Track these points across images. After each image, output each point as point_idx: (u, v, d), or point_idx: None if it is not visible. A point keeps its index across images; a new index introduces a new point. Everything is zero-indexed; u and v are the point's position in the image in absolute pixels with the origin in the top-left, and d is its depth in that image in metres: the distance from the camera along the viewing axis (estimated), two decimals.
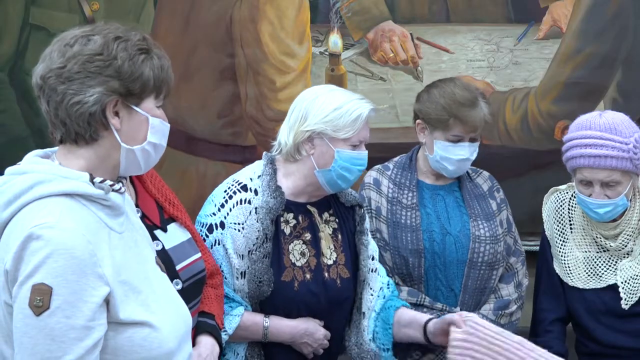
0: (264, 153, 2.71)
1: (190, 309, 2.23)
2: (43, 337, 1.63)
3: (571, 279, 2.97)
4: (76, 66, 1.72)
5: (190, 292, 2.34)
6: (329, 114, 2.58)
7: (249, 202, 2.59)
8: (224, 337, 2.51)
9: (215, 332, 2.41)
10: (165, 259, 2.21)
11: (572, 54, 3.85)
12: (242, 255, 2.57)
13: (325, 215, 2.72)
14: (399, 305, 2.78)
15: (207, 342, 2.37)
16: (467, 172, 3.08)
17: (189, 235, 2.44)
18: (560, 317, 3.02)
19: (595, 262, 2.95)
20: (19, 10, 3.82)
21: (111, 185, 1.77)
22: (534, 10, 3.86)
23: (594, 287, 2.94)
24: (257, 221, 2.56)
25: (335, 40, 3.85)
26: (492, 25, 3.89)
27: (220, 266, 2.56)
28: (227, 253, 2.57)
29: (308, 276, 2.62)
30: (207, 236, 2.58)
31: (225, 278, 2.57)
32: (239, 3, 3.81)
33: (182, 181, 3.62)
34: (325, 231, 2.70)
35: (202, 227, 2.59)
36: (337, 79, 3.77)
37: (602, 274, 2.93)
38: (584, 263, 2.96)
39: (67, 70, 1.73)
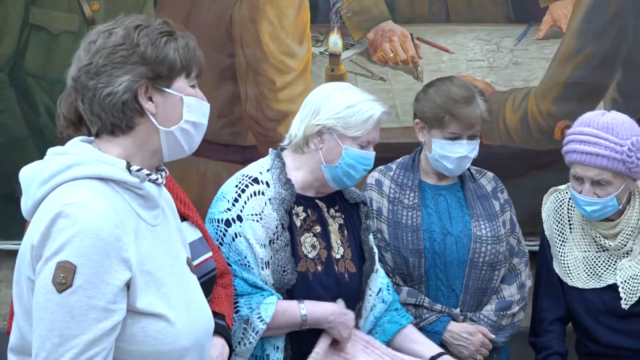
0: (270, 149, 2.74)
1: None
2: (63, 314, 1.64)
3: (571, 279, 2.97)
4: (101, 60, 1.75)
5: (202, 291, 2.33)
6: (342, 110, 2.60)
7: (263, 194, 2.60)
8: (262, 326, 2.52)
9: (225, 332, 2.41)
10: None
11: (572, 54, 3.85)
12: (264, 245, 2.57)
13: (332, 211, 2.74)
14: (404, 324, 2.80)
15: (217, 343, 2.37)
16: (471, 172, 3.08)
17: (200, 234, 2.45)
18: (560, 317, 3.02)
19: (594, 262, 2.95)
20: (19, 10, 3.81)
21: (148, 175, 1.78)
22: (534, 10, 3.86)
23: (593, 287, 2.94)
24: (273, 211, 2.58)
25: (335, 40, 3.85)
26: (492, 25, 3.89)
27: (245, 257, 2.56)
28: (249, 244, 2.57)
29: (319, 268, 2.64)
30: (225, 231, 2.58)
31: (252, 268, 2.57)
32: (239, 3, 3.81)
33: (182, 181, 3.59)
34: (334, 226, 2.71)
35: (219, 223, 2.60)
36: (337, 79, 3.77)
37: (602, 273, 2.93)
38: (583, 263, 2.96)
39: (93, 65, 1.75)
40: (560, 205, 3.03)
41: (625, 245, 2.91)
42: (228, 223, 2.59)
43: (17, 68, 3.85)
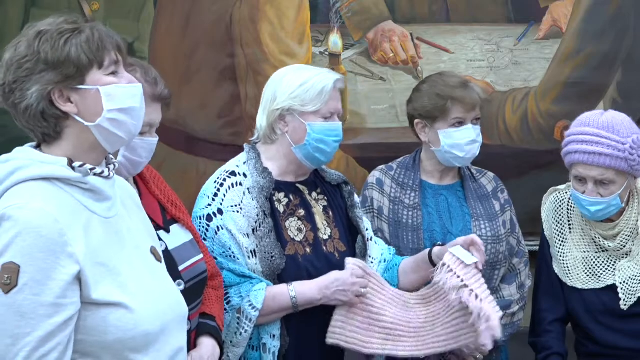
0: (245, 144, 2.76)
1: (192, 309, 2.25)
2: (12, 314, 1.66)
3: (570, 279, 2.97)
4: (11, 77, 1.78)
5: (193, 293, 2.35)
6: (296, 89, 2.63)
7: (240, 184, 2.63)
8: (255, 313, 2.53)
9: (216, 333, 2.42)
10: (168, 260, 2.21)
11: (572, 54, 3.85)
12: (248, 234, 2.58)
13: (314, 194, 2.76)
14: (399, 262, 2.82)
15: (208, 344, 2.38)
16: (472, 172, 3.09)
17: (191, 237, 2.46)
18: (559, 317, 3.02)
19: (594, 263, 2.95)
20: (18, 11, 3.81)
21: (91, 169, 1.79)
22: (534, 10, 3.87)
23: (592, 287, 2.94)
24: (253, 199, 2.60)
25: (335, 40, 3.85)
26: (492, 25, 3.89)
27: (230, 248, 2.58)
28: (232, 235, 2.58)
29: (308, 250, 2.66)
30: (207, 226, 2.60)
31: (238, 258, 2.58)
32: (239, 3, 3.81)
33: (182, 181, 3.61)
34: (317, 208, 2.73)
35: (201, 219, 2.61)
36: None
37: (601, 274, 2.93)
38: (582, 263, 2.96)
39: (7, 84, 1.78)
40: (560, 206, 3.03)
41: (624, 247, 2.91)
42: (209, 218, 2.61)
43: None
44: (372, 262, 2.77)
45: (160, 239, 2.31)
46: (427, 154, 3.04)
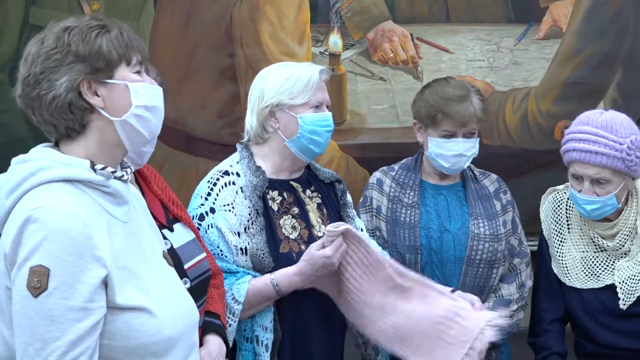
0: (237, 144, 2.77)
1: (197, 308, 2.25)
2: (42, 318, 1.65)
3: (569, 279, 2.97)
4: (38, 68, 1.78)
5: (198, 291, 2.37)
6: (282, 84, 2.66)
7: (234, 183, 2.64)
8: (238, 306, 2.54)
9: (221, 331, 2.44)
10: (174, 258, 2.23)
11: (572, 54, 3.85)
12: (239, 233, 2.59)
13: (308, 192, 2.77)
14: None
15: (215, 342, 2.41)
16: (474, 173, 3.09)
17: (194, 235, 2.48)
18: (558, 317, 3.02)
19: (592, 262, 2.95)
20: (18, 10, 3.81)
21: (113, 172, 1.79)
22: (534, 10, 3.87)
23: (591, 287, 2.94)
24: (246, 199, 2.61)
25: (335, 40, 3.85)
26: (492, 25, 3.89)
27: (218, 246, 2.59)
28: (221, 232, 2.59)
29: (303, 247, 2.66)
30: (199, 225, 2.60)
31: (226, 256, 2.59)
32: (239, 3, 3.81)
33: (182, 181, 3.61)
34: (312, 205, 2.74)
35: (193, 219, 2.62)
36: (337, 79, 3.77)
37: (600, 274, 2.93)
38: (581, 263, 2.97)
39: (32, 76, 1.78)
40: (559, 206, 3.03)
41: (623, 246, 2.91)
42: (202, 217, 2.62)
43: (18, 68, 3.85)
44: None
45: (165, 237, 2.33)
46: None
